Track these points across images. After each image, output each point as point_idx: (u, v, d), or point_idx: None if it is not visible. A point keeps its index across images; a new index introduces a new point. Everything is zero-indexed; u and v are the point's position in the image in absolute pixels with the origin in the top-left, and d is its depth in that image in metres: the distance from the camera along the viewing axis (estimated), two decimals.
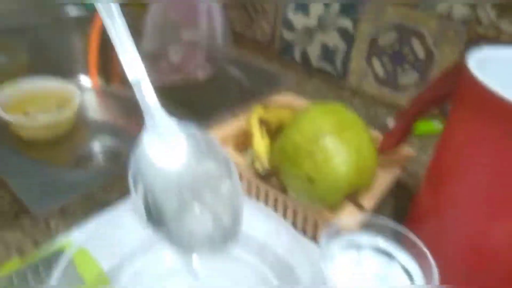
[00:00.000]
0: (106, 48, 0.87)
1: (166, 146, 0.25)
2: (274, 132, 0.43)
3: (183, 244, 0.24)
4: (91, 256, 0.34)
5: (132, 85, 0.25)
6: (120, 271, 0.37)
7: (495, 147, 0.30)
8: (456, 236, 0.35)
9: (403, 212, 0.43)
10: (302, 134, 0.36)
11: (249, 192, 0.47)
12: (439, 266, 0.31)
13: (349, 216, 0.36)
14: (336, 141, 0.35)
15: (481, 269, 0.34)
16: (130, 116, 0.84)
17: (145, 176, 0.24)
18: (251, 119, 0.44)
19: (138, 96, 0.25)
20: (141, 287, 0.37)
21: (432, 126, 0.63)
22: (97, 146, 0.77)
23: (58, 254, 0.37)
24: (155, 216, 0.24)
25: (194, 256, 0.37)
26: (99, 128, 0.82)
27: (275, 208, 0.44)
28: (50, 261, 0.37)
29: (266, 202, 0.45)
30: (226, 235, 0.25)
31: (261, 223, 0.38)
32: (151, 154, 0.24)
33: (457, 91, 0.34)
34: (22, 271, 0.35)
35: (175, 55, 0.82)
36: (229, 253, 0.39)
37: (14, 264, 0.36)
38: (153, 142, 0.24)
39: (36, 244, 0.41)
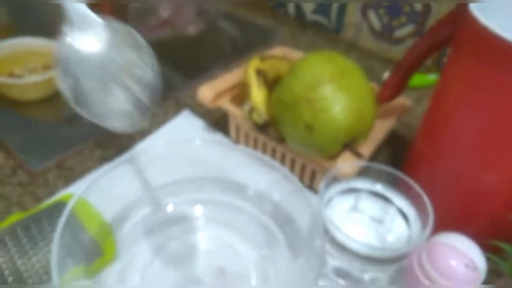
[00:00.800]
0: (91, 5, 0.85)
1: (89, 37, 0.27)
2: (271, 83, 0.43)
3: (107, 121, 0.28)
4: (92, 206, 0.34)
5: None
6: (121, 221, 0.37)
7: (494, 91, 0.30)
8: (450, 180, 0.36)
9: (399, 160, 0.44)
10: (301, 83, 0.36)
11: (247, 143, 0.47)
12: (434, 209, 0.32)
13: (346, 163, 0.37)
14: (335, 89, 0.35)
15: (473, 209, 0.35)
16: None
17: (71, 66, 0.27)
18: (248, 70, 0.43)
19: None
20: (143, 236, 0.38)
21: (427, 79, 0.63)
22: None
23: (59, 205, 0.37)
24: (82, 100, 0.27)
25: None
26: None
27: (273, 158, 0.44)
28: (51, 212, 0.37)
29: (264, 152, 0.45)
30: (144, 113, 0.29)
31: (259, 173, 0.38)
32: (75, 44, 0.27)
33: (456, 36, 0.34)
34: (25, 222, 0.36)
35: (165, 10, 0.80)
36: (230, 203, 0.40)
37: (16, 217, 0.37)
38: (77, 34, 0.27)
39: (37, 199, 0.42)
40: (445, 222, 0.33)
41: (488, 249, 0.31)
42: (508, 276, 0.32)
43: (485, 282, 0.33)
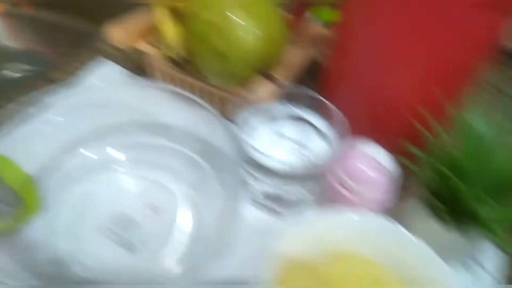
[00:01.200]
0: None
1: None
2: (184, 18, 0.42)
3: None
4: (8, 160, 0.33)
5: None
6: (46, 173, 0.36)
7: (395, 4, 0.31)
8: (359, 94, 0.38)
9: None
10: (210, 10, 0.35)
11: (165, 82, 0.46)
12: (349, 124, 0.34)
13: (263, 90, 0.37)
14: (243, 14, 0.35)
15: (383, 119, 0.38)
16: (43, 38, 0.77)
17: None
18: (159, 8, 0.41)
19: None
20: (70, 185, 0.37)
21: None
22: (11, 72, 0.71)
23: None
24: None
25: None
26: (11, 53, 0.75)
27: (193, 95, 0.44)
28: None
29: (183, 90, 0.45)
30: None
31: (181, 111, 0.38)
32: None
33: None
34: None
35: None
36: (155, 144, 0.40)
37: None
38: None
39: None
40: (360, 135, 0.35)
41: (402, 155, 0.33)
42: (416, 175, 0.34)
43: (399, 185, 0.36)
